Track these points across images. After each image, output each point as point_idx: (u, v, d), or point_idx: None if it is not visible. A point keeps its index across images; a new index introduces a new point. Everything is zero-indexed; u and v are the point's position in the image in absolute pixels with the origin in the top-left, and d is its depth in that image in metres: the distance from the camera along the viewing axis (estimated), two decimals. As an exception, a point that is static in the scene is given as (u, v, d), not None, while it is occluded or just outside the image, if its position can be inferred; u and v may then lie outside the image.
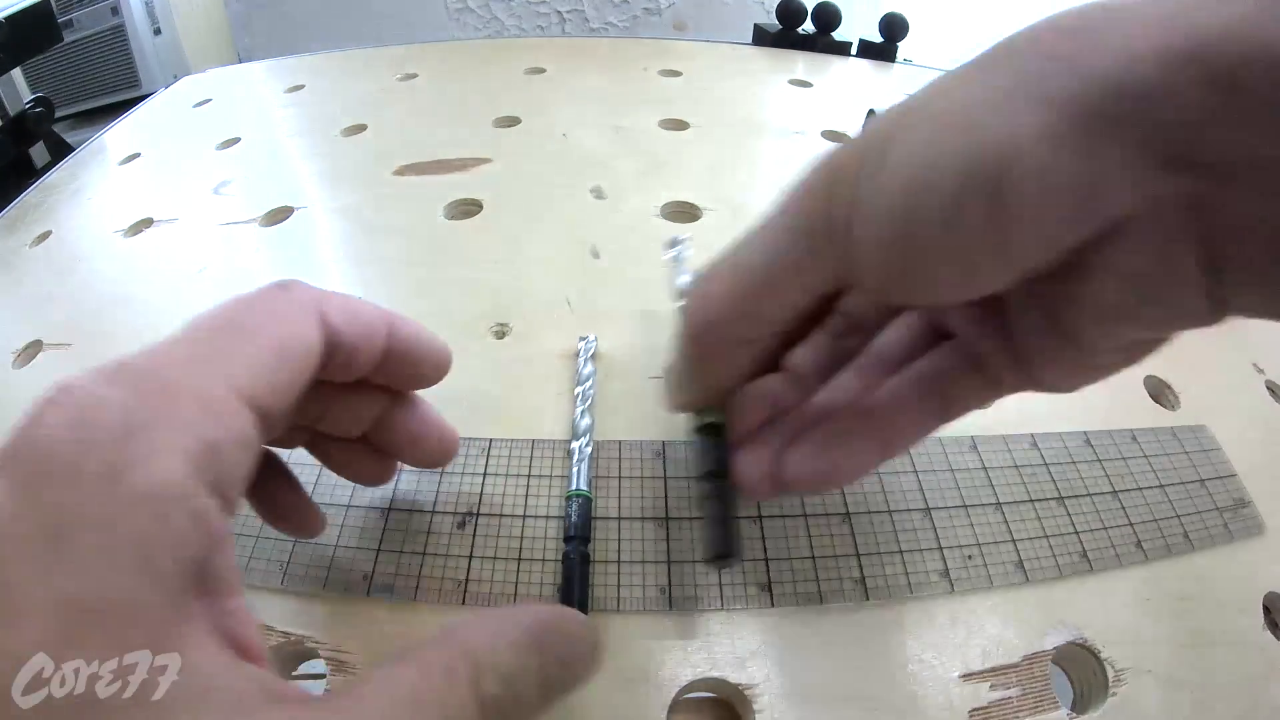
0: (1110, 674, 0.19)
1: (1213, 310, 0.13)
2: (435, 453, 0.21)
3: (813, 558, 0.21)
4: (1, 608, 0.10)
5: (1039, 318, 0.15)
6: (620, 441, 0.24)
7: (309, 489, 0.21)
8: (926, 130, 0.13)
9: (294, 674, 0.20)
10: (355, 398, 0.18)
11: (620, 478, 0.23)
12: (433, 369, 0.19)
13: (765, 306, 0.16)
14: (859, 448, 0.18)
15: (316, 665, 0.19)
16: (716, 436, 0.19)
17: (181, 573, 0.11)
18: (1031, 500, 0.23)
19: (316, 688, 0.19)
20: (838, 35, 0.61)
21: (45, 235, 0.40)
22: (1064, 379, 0.16)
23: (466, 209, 0.37)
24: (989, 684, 0.19)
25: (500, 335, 0.29)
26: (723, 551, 0.18)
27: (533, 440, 0.24)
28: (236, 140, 0.47)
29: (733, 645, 0.19)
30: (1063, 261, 0.13)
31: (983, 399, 0.18)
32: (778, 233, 0.16)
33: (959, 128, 0.13)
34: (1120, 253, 0.13)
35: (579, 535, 0.21)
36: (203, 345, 0.13)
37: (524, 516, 0.22)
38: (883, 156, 0.14)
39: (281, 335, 0.14)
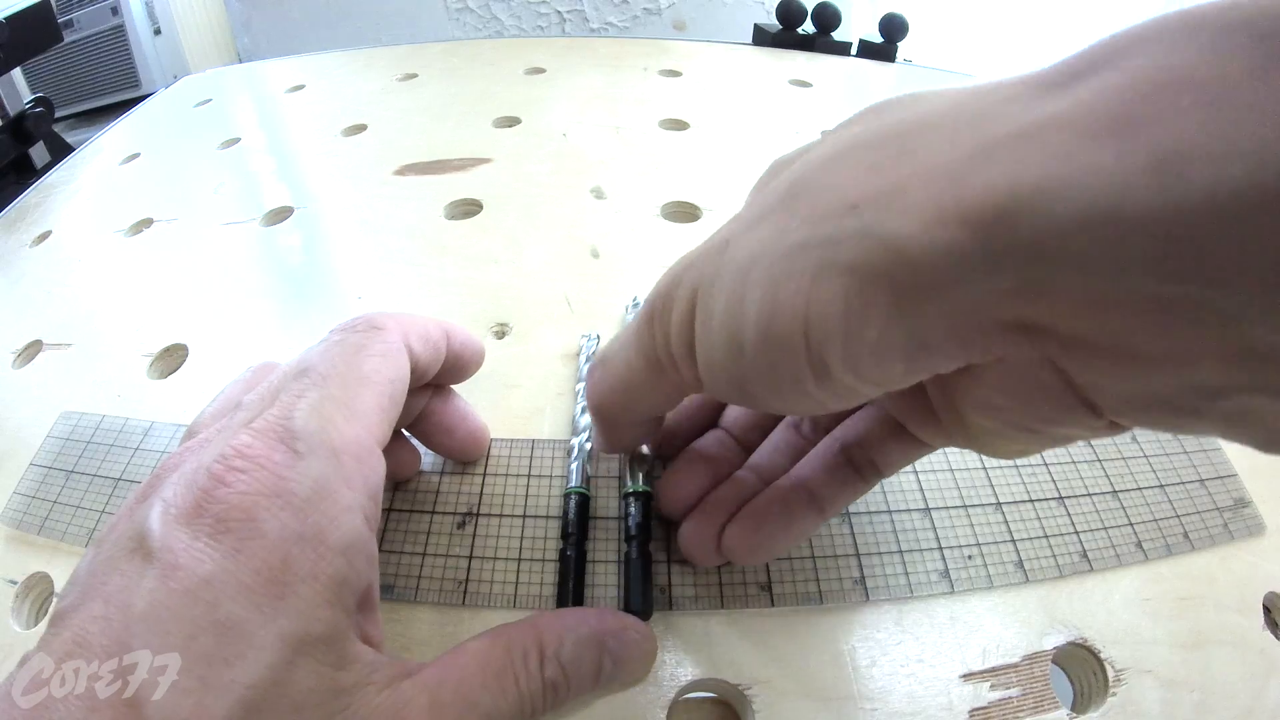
0: (1110, 674, 0.19)
1: (1110, 428, 0.12)
2: (467, 442, 0.22)
3: (813, 558, 0.21)
4: (232, 644, 0.12)
5: (941, 399, 0.14)
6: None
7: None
8: (732, 286, 0.13)
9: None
10: (410, 397, 0.19)
11: (619, 478, 0.23)
12: (474, 366, 0.21)
13: (636, 406, 0.18)
14: (795, 518, 0.18)
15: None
16: (643, 502, 0.21)
17: (356, 600, 0.14)
18: (1031, 500, 0.23)
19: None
20: (838, 35, 0.61)
21: (45, 235, 0.40)
22: (992, 452, 0.15)
23: (466, 209, 0.37)
24: (989, 684, 0.19)
25: (500, 335, 0.29)
26: (638, 609, 0.19)
27: (533, 440, 0.24)
28: (236, 140, 0.47)
29: (733, 645, 0.19)
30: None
31: (911, 458, 0.18)
32: (631, 354, 0.17)
33: (760, 286, 0.12)
34: (979, 387, 0.12)
35: (576, 533, 0.21)
36: (339, 403, 0.15)
37: (524, 516, 0.22)
38: (707, 308, 0.14)
39: (391, 378, 0.16)
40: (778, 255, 0.12)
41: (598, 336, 0.27)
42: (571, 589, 0.19)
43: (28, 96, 0.77)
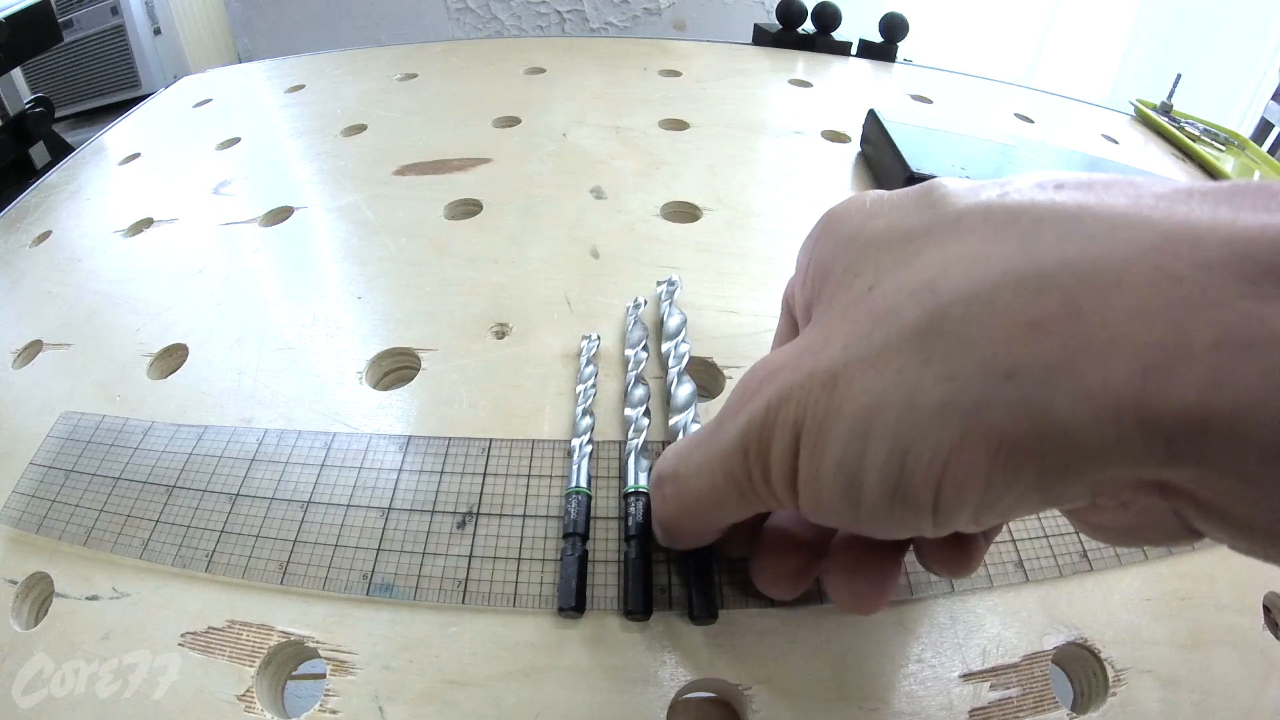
0: (1110, 674, 0.19)
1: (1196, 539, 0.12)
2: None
3: (813, 558, 0.21)
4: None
5: None
6: (620, 442, 0.24)
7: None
8: (850, 434, 0.12)
9: (294, 674, 0.20)
10: None
11: (620, 478, 0.23)
12: None
13: (715, 523, 0.17)
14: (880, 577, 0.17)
15: (317, 665, 0.19)
16: (643, 502, 0.21)
17: None
18: (1031, 500, 0.22)
19: (317, 688, 0.19)
20: (838, 35, 0.61)
21: (45, 235, 0.40)
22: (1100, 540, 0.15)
23: (466, 209, 0.37)
24: (989, 684, 0.19)
25: (500, 335, 0.29)
26: (638, 609, 0.19)
27: (533, 440, 0.24)
28: (236, 140, 0.47)
29: (733, 645, 0.19)
30: None
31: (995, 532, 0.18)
32: (717, 479, 0.16)
33: (887, 442, 0.11)
34: (1090, 513, 0.13)
35: (578, 533, 0.21)
36: None
37: (524, 516, 0.22)
38: (816, 451, 0.13)
39: None
40: (909, 411, 0.11)
41: (598, 337, 0.27)
42: (575, 589, 0.19)
43: (28, 96, 0.77)
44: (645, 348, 0.26)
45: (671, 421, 0.23)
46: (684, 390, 0.24)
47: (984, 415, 0.10)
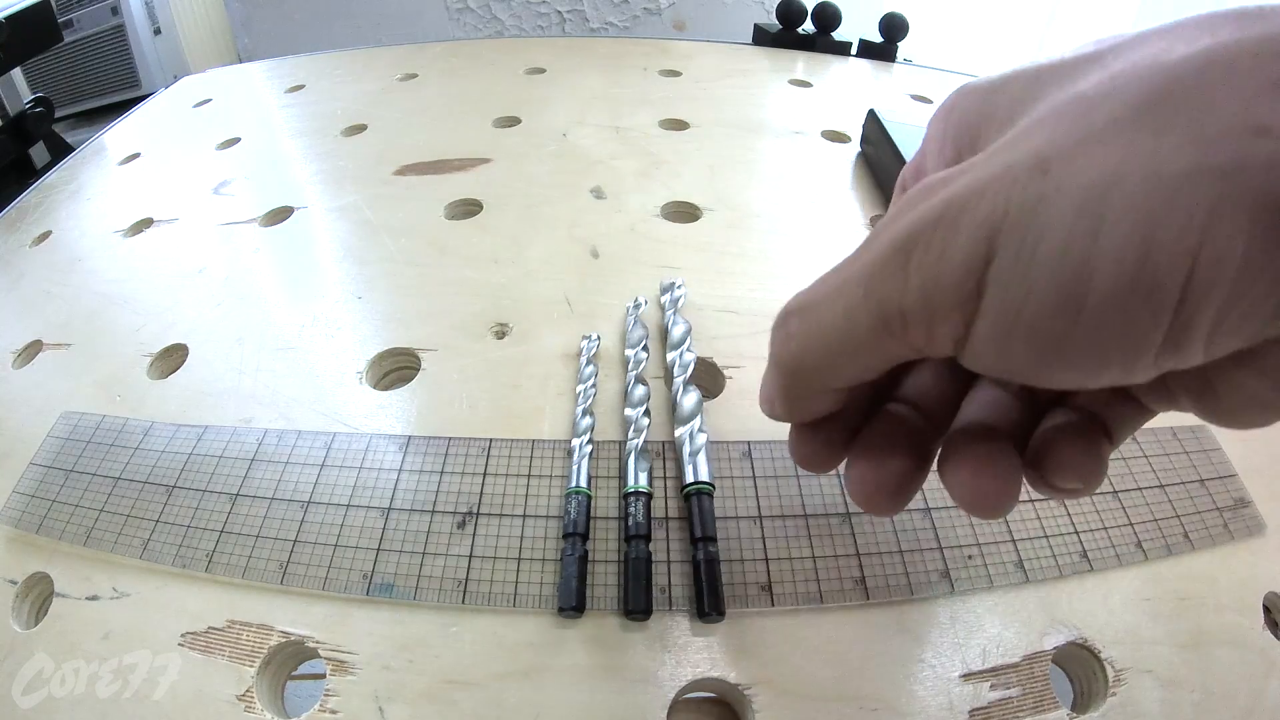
0: (1110, 674, 0.19)
1: None
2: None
3: (813, 558, 0.21)
4: None
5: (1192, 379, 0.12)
6: (620, 442, 0.24)
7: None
8: (1076, 218, 0.10)
9: (294, 674, 0.20)
10: None
11: (620, 478, 0.23)
12: None
13: (841, 369, 0.15)
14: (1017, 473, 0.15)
15: (317, 665, 0.19)
16: (643, 502, 0.21)
17: None
18: (1031, 500, 0.22)
19: (316, 688, 0.19)
20: (838, 35, 0.61)
21: (45, 235, 0.40)
22: (1229, 421, 0.13)
23: (466, 209, 0.37)
24: (989, 684, 0.19)
25: (500, 335, 0.29)
26: (638, 609, 0.19)
27: (533, 440, 0.24)
28: (236, 140, 0.47)
29: (732, 645, 0.19)
30: None
31: (1138, 423, 0.16)
32: (855, 303, 0.13)
33: (1127, 219, 0.10)
34: None
35: (578, 532, 0.21)
36: None
37: (524, 516, 0.22)
38: (1025, 245, 0.11)
39: None
40: (1152, 179, 0.10)
41: (598, 337, 0.27)
42: (575, 589, 0.19)
43: (28, 96, 0.77)
44: (645, 348, 0.26)
45: (677, 432, 0.23)
46: (689, 399, 0.24)
47: (1240, 174, 0.09)
